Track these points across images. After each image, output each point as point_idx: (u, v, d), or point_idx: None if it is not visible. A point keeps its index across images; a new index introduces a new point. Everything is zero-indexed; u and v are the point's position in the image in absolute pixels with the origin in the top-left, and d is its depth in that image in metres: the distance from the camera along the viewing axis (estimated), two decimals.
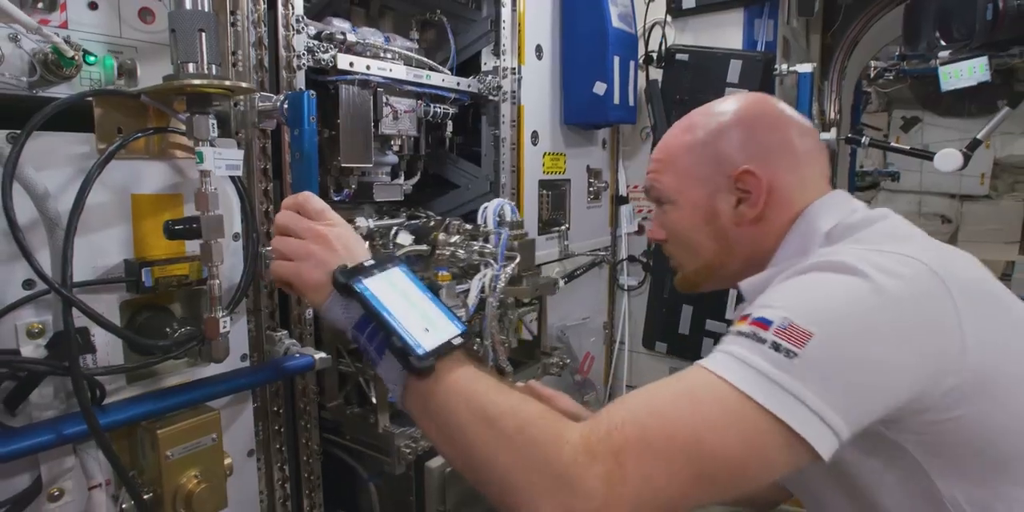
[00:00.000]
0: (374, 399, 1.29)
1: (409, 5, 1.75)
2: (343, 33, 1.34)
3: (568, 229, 2.11)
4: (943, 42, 1.74)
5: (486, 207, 1.52)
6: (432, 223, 1.50)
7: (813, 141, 0.91)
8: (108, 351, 0.89)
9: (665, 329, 2.37)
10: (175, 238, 0.90)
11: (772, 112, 0.91)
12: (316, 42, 1.28)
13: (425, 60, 1.59)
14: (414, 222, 1.57)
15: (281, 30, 1.17)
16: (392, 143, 1.56)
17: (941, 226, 5.80)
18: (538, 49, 1.92)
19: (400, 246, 1.36)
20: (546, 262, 2.01)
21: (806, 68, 2.12)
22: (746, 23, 2.18)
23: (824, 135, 2.32)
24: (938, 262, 0.70)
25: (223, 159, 0.89)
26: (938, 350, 0.67)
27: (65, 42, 0.82)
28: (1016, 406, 0.70)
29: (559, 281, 1.73)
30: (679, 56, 2.24)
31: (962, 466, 0.71)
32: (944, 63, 1.74)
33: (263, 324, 1.16)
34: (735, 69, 2.11)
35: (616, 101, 2.03)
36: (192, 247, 0.97)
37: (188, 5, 0.83)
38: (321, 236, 0.76)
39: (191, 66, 0.83)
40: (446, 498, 1.31)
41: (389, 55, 1.48)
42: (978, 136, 1.76)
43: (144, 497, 0.90)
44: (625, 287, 2.50)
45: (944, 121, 5.70)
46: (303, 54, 1.22)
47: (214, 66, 0.85)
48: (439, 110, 1.66)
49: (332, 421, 1.35)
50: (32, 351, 0.82)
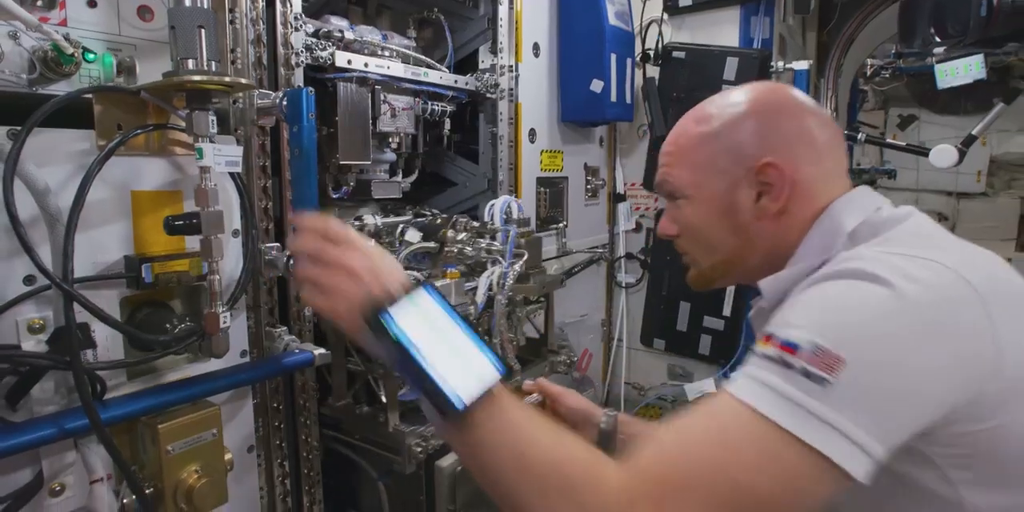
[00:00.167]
0: (383, 398, 1.28)
1: (406, 4, 1.76)
2: (341, 31, 1.35)
3: (566, 226, 2.12)
4: (938, 38, 1.75)
5: (493, 204, 1.52)
6: (439, 220, 1.50)
7: (832, 132, 0.87)
8: (108, 346, 0.90)
9: (663, 326, 2.38)
10: (175, 234, 0.91)
11: (789, 101, 0.88)
12: (314, 40, 1.28)
13: (423, 58, 1.59)
14: (420, 220, 1.58)
15: (279, 27, 1.17)
16: (390, 141, 1.57)
17: (938, 224, 5.79)
18: (535, 47, 1.93)
19: (408, 243, 1.36)
20: (544, 259, 2.02)
21: (802, 65, 2.12)
22: (742, 20, 2.19)
23: None
24: (966, 266, 0.68)
25: (223, 155, 0.89)
26: (972, 357, 0.64)
27: (65, 39, 0.82)
28: None
29: (565, 279, 1.74)
30: (676, 54, 2.24)
31: (992, 475, 0.69)
32: (940, 61, 1.75)
33: (262, 320, 1.17)
34: (731, 66, 2.12)
35: (613, 99, 2.04)
36: (192, 243, 0.98)
37: (188, 2, 0.83)
38: (347, 267, 0.75)
39: (191, 62, 0.84)
40: (456, 497, 1.30)
41: (387, 53, 1.48)
42: (973, 132, 1.77)
43: (145, 491, 0.91)
44: (623, 284, 2.51)
45: (940, 119, 5.71)
46: (301, 51, 1.23)
47: (213, 63, 0.86)
48: (437, 108, 1.66)
49: (339, 420, 1.34)
50: (33, 346, 0.82)
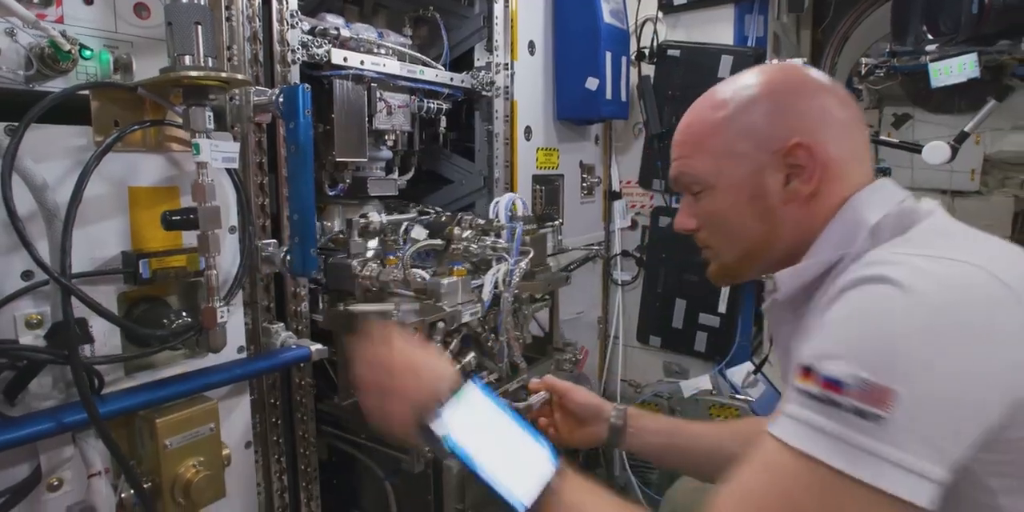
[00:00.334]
0: None
1: (402, 2, 1.77)
2: (337, 28, 1.36)
3: (562, 224, 2.12)
4: (930, 36, 1.77)
5: (498, 202, 1.53)
6: (443, 218, 1.50)
7: (854, 110, 0.84)
8: (105, 342, 0.90)
9: (659, 323, 2.39)
10: (172, 228, 0.91)
11: (806, 80, 0.84)
12: (310, 37, 1.29)
13: (418, 55, 1.60)
14: (425, 217, 1.58)
15: (275, 25, 1.18)
16: (386, 138, 1.58)
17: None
18: (531, 45, 1.94)
19: (415, 241, 1.36)
20: None
21: (796, 63, 2.13)
22: (737, 19, 2.20)
23: None
24: (998, 264, 0.64)
25: (219, 151, 0.90)
26: (1016, 358, 0.61)
27: (62, 36, 0.83)
28: None
29: (569, 276, 1.75)
30: (671, 52, 2.25)
31: None
32: (934, 60, 1.76)
33: (259, 317, 1.18)
34: (726, 64, 2.13)
35: (608, 96, 2.05)
36: (189, 240, 0.98)
37: None
38: (396, 373, 0.82)
39: (187, 58, 0.84)
40: (465, 497, 1.30)
41: (383, 50, 1.49)
42: (965, 129, 1.78)
43: (144, 486, 0.91)
44: (619, 282, 2.52)
45: (935, 118, 5.72)
46: (297, 49, 1.23)
47: (210, 59, 0.86)
48: (432, 105, 1.67)
49: (345, 419, 1.34)
50: (31, 341, 0.83)
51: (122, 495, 0.92)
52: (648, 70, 2.32)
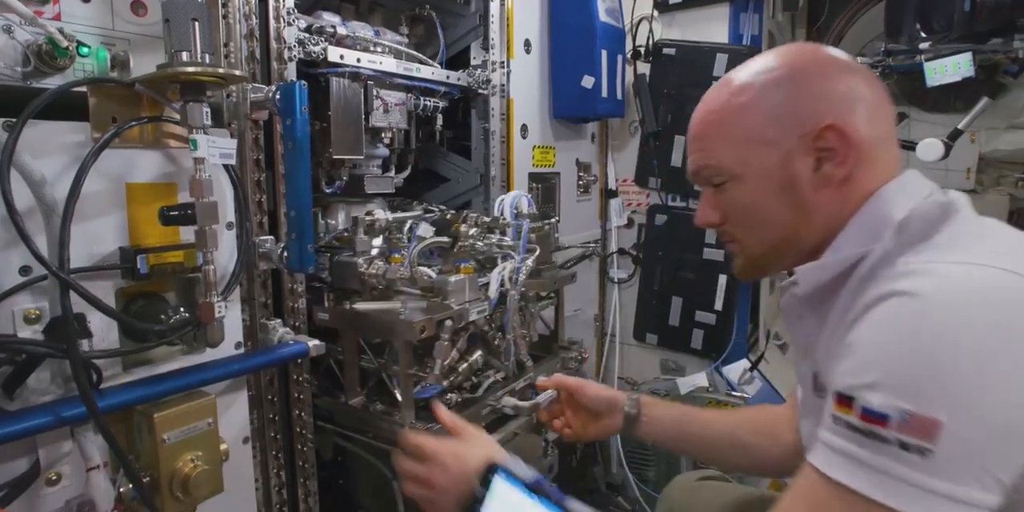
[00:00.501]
0: (399, 395, 1.28)
1: (398, 0, 1.77)
2: (333, 26, 1.36)
3: (558, 222, 2.13)
4: (923, 34, 1.78)
5: (503, 199, 1.53)
6: (449, 216, 1.50)
7: (880, 89, 0.79)
8: (104, 337, 0.91)
9: (655, 321, 2.40)
10: (170, 224, 0.91)
11: (829, 59, 0.80)
12: (307, 35, 1.29)
13: (415, 53, 1.61)
14: (430, 215, 1.58)
15: (272, 22, 1.18)
16: (383, 136, 1.58)
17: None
18: (527, 43, 1.94)
19: (422, 238, 1.35)
20: None
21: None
22: (732, 17, 2.21)
23: None
24: None
25: (217, 147, 0.90)
26: None
27: (59, 33, 0.83)
28: None
29: (575, 274, 1.75)
30: (666, 50, 2.26)
31: None
32: (929, 59, 1.77)
33: (257, 314, 1.18)
34: (721, 63, 2.14)
35: (604, 94, 2.06)
36: (186, 235, 0.99)
37: None
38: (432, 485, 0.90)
39: (184, 55, 0.85)
40: None
41: (379, 48, 1.50)
42: (959, 126, 1.79)
43: (142, 480, 0.91)
44: (615, 280, 2.53)
45: (930, 117, 5.74)
46: (294, 46, 1.24)
47: (207, 55, 0.87)
48: (429, 103, 1.68)
49: (352, 418, 1.33)
50: (29, 336, 0.83)
51: (121, 489, 0.92)
52: (644, 68, 2.33)
